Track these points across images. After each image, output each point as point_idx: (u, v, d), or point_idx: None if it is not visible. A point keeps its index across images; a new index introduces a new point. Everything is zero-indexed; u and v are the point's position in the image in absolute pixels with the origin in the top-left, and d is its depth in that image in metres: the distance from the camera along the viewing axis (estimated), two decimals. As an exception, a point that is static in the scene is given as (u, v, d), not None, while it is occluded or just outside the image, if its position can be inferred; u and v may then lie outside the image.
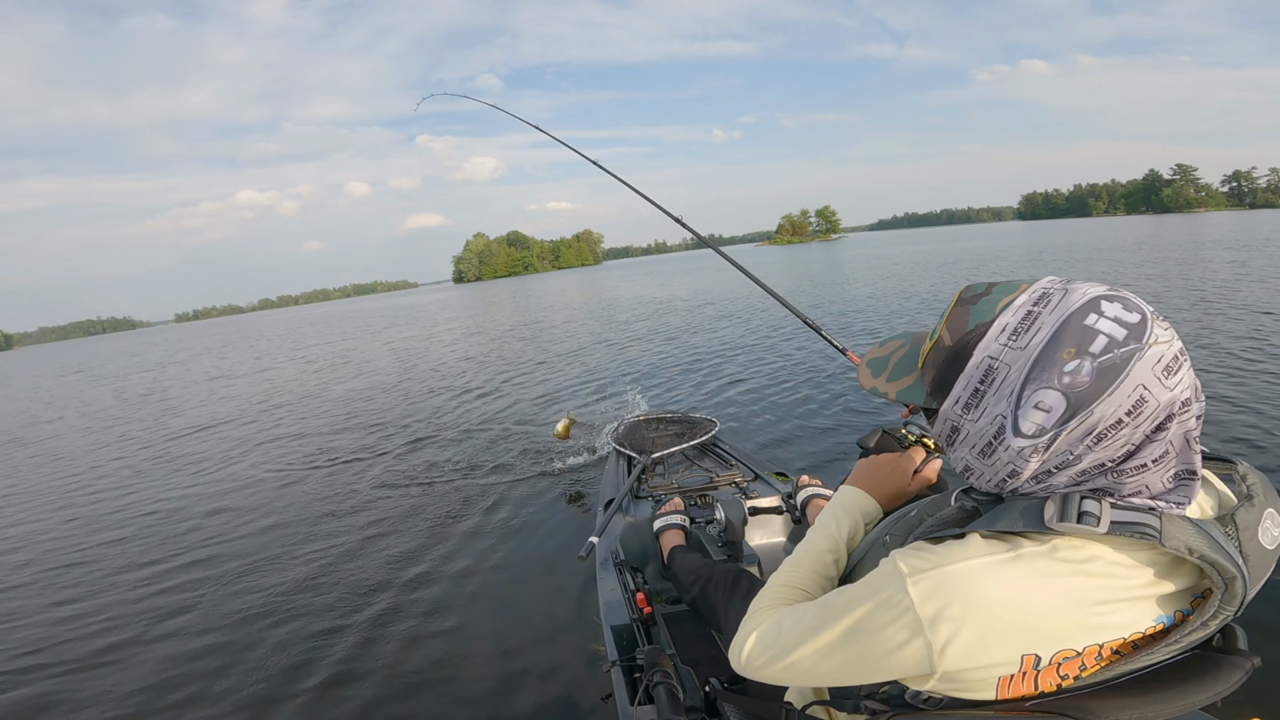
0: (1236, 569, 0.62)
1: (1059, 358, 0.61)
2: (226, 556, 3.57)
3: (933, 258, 25.15)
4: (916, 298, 12.55)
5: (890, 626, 0.67)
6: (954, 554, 0.67)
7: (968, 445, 0.70)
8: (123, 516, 4.64)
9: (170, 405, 10.46)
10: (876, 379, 0.81)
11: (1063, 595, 0.63)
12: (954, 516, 0.76)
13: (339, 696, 2.26)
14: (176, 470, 5.86)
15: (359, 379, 10.27)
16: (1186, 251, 17.26)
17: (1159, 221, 56.06)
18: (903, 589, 0.66)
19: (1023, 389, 0.63)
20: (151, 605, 3.10)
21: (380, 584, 3.04)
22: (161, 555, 3.72)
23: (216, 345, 27.83)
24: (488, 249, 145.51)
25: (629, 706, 1.27)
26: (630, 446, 2.95)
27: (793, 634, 0.77)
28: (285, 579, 3.22)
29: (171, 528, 4.21)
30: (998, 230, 69.46)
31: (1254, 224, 34.20)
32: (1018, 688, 0.67)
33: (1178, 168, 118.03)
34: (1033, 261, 19.09)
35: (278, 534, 3.84)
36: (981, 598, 0.63)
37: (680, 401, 6.10)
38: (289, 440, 6.43)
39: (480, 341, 13.94)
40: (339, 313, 52.14)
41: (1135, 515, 0.63)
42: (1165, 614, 0.66)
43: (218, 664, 2.54)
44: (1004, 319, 0.66)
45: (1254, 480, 0.70)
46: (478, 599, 2.80)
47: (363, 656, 2.46)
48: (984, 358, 0.66)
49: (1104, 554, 0.65)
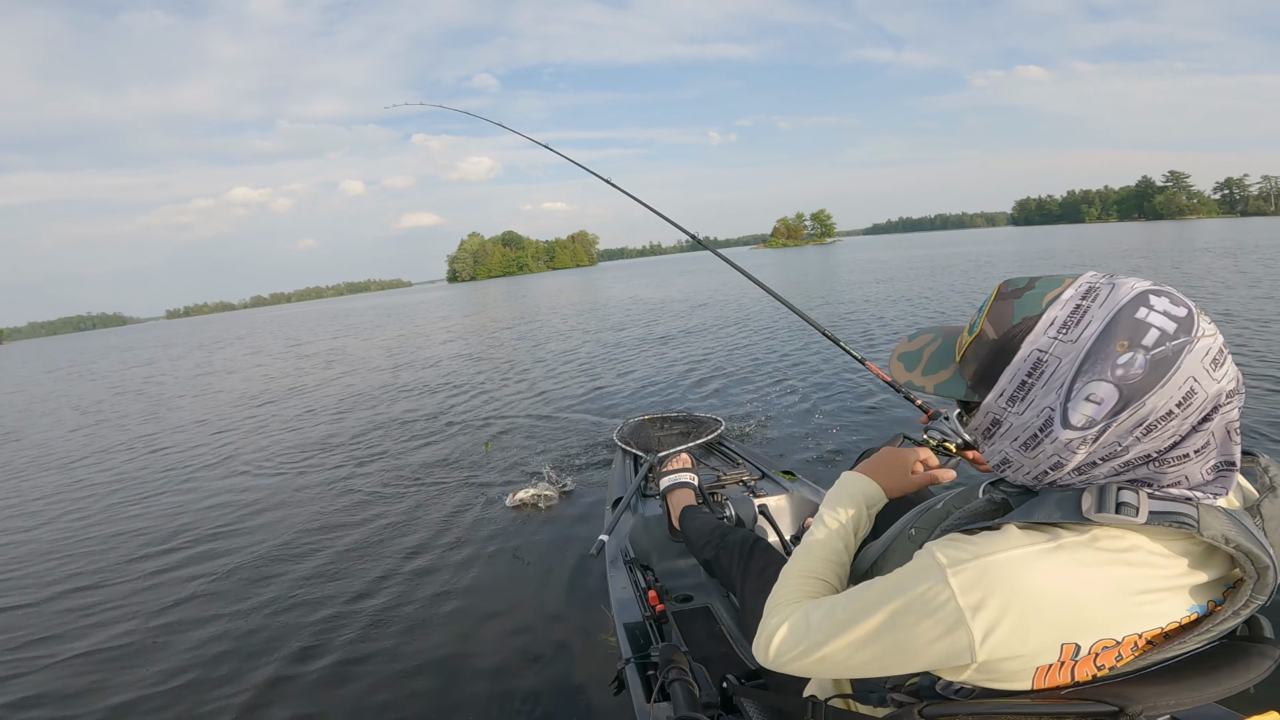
0: (1270, 558, 0.63)
1: (1111, 350, 0.62)
2: (225, 551, 3.56)
3: (924, 262, 25.30)
4: (909, 300, 12.59)
5: (930, 618, 0.67)
6: (994, 544, 0.67)
7: (1009, 438, 0.71)
8: (113, 513, 4.60)
9: (160, 400, 10.38)
10: (911, 373, 0.81)
11: (1105, 585, 0.64)
12: (984, 509, 0.76)
13: (343, 695, 2.24)
14: (167, 469, 5.81)
15: (359, 375, 10.22)
16: (1179, 258, 17.41)
17: (1151, 228, 56.45)
18: (943, 580, 0.67)
19: (1073, 381, 0.63)
20: (152, 596, 3.08)
21: (385, 580, 3.01)
22: (155, 549, 3.70)
23: (209, 341, 27.64)
24: (482, 249, 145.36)
25: (645, 704, 1.28)
26: (636, 445, 2.95)
27: (823, 628, 0.78)
28: (291, 572, 3.21)
29: (163, 524, 4.18)
30: (991, 236, 69.79)
31: (1244, 231, 34.50)
32: (1054, 678, 0.68)
33: (1170, 175, 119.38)
34: (1023, 267, 19.20)
35: (283, 527, 3.82)
36: (1025, 587, 0.64)
37: (678, 402, 6.10)
38: (292, 434, 6.40)
39: (477, 341, 13.91)
40: (332, 311, 51.84)
41: (1173, 505, 0.64)
42: (1199, 604, 0.67)
43: (219, 650, 2.55)
44: (1052, 313, 0.66)
45: (1276, 472, 0.71)
46: (487, 598, 2.80)
47: (371, 653, 2.45)
48: (1032, 350, 0.66)
49: (1143, 544, 0.65)
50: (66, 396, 13.15)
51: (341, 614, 2.76)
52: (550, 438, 5.20)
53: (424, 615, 2.70)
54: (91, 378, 17.16)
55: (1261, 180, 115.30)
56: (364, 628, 2.63)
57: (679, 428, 3.20)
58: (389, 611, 2.75)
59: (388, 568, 3.13)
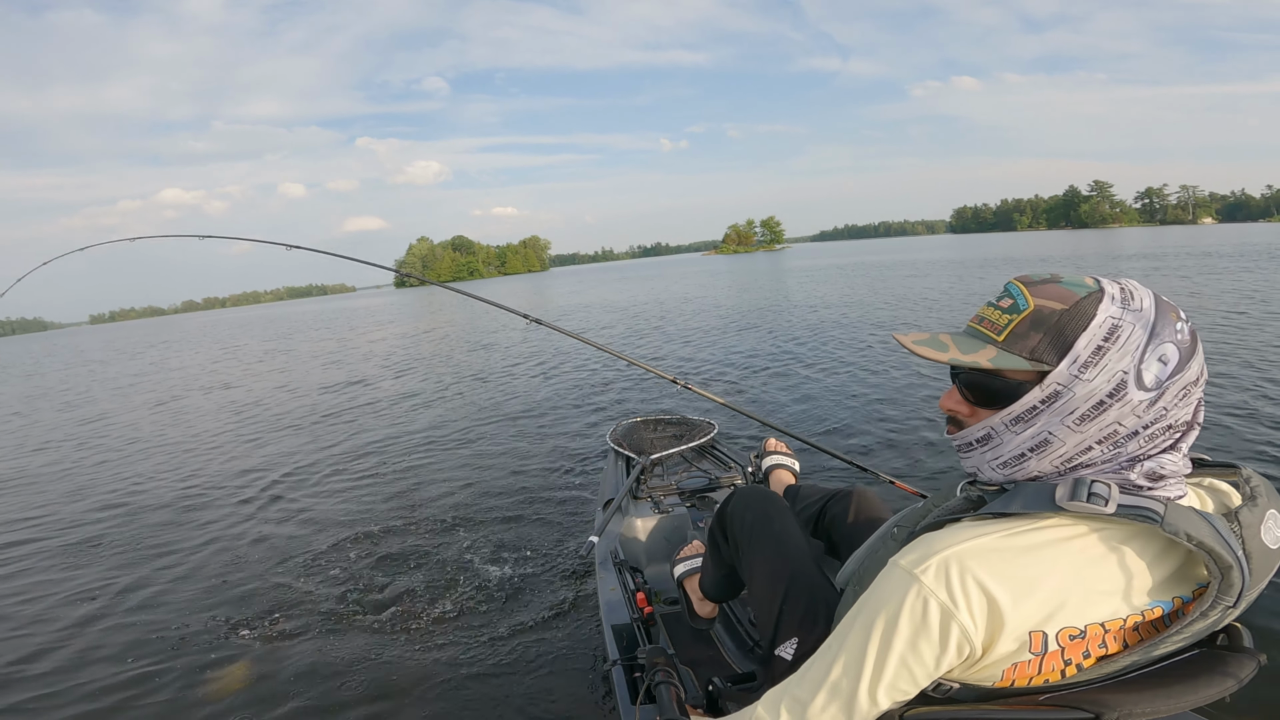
0: (1234, 559, 0.65)
1: (1170, 319, 0.69)
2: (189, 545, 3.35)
3: (860, 271, 26.05)
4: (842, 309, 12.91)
5: (921, 624, 0.69)
6: (955, 537, 0.71)
7: (1063, 413, 0.71)
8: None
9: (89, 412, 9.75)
10: (945, 354, 0.77)
11: (1066, 569, 0.68)
12: (959, 505, 0.79)
13: (317, 697, 2.21)
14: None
15: (328, 376, 9.84)
16: (1100, 265, 18.42)
17: (1077, 237, 59.39)
18: (914, 583, 0.69)
19: (1147, 344, 0.68)
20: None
21: (368, 581, 3.00)
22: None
23: (131, 349, 26.12)
24: (431, 253, 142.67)
25: (630, 705, 1.28)
26: (629, 447, 2.95)
27: (825, 695, 0.75)
28: (292, 571, 3.20)
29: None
30: (928, 244, 72.43)
31: (1161, 240, 36.56)
32: (1024, 672, 0.70)
33: (1095, 184, 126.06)
34: (948, 273, 19.93)
35: (281, 527, 3.61)
36: (984, 574, 0.67)
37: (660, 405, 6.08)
38: (270, 434, 6.09)
39: (441, 347, 13.62)
40: (273, 316, 49.94)
41: (1141, 499, 0.67)
42: (1164, 599, 0.71)
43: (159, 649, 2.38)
44: (1111, 288, 0.71)
45: (1257, 483, 0.75)
46: (474, 598, 2.78)
47: (343, 665, 2.38)
48: (1106, 317, 0.69)
49: (1107, 534, 0.69)
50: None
51: (337, 614, 2.75)
52: (542, 438, 5.25)
53: (406, 611, 2.69)
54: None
55: (1179, 190, 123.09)
56: (358, 626, 2.64)
57: (672, 430, 3.19)
58: (381, 607, 2.75)
59: (371, 575, 3.09)
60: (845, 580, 0.92)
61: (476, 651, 2.40)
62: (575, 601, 2.64)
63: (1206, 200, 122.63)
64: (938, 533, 0.73)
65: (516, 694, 2.15)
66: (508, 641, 2.44)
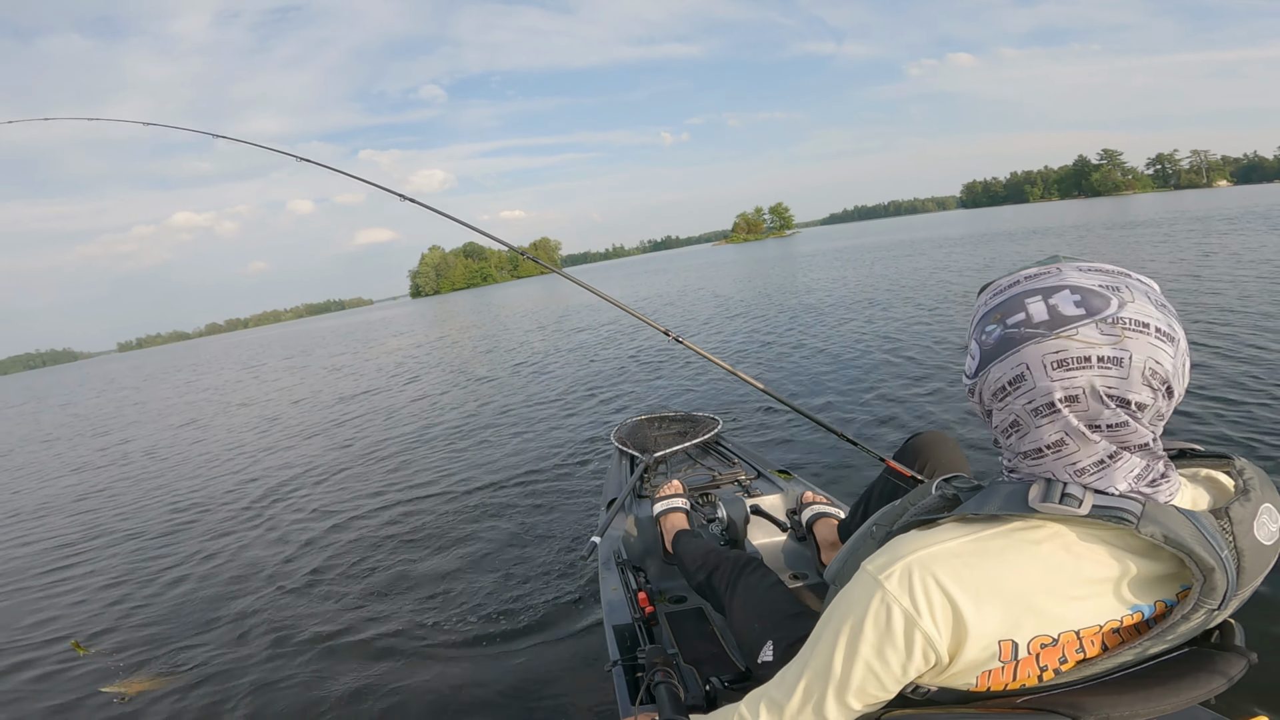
0: (1217, 561, 0.62)
1: (1021, 303, 0.70)
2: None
3: (865, 253, 25.80)
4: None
5: (886, 632, 0.68)
6: (921, 541, 0.70)
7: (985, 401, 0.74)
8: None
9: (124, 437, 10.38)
10: None
11: (1037, 575, 0.66)
12: (934, 504, 0.78)
13: (322, 697, 2.31)
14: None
15: (345, 387, 10.20)
16: (1114, 235, 18.11)
17: (1089, 205, 57.30)
18: (878, 588, 0.69)
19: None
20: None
21: (369, 581, 3.15)
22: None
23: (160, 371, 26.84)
24: (444, 261, 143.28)
25: (630, 706, 1.28)
26: (632, 446, 2.92)
27: (799, 698, 0.76)
28: (287, 572, 3.43)
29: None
30: (939, 220, 70.55)
31: (1175, 204, 35.44)
32: (998, 679, 0.70)
33: (1104, 153, 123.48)
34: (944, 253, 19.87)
35: (286, 526, 4.03)
36: (947, 580, 0.66)
37: (678, 400, 6.16)
38: (288, 450, 6.47)
39: (457, 353, 13.86)
40: (300, 333, 50.29)
41: (1116, 500, 0.65)
42: (1144, 603, 0.68)
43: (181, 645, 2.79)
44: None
45: (1251, 475, 0.70)
46: (477, 599, 2.82)
47: (350, 667, 2.47)
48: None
49: (1081, 537, 0.67)
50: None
51: (332, 612, 2.91)
52: (545, 436, 5.39)
53: (407, 611, 2.79)
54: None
55: (1191, 154, 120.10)
56: (358, 631, 2.70)
57: (676, 427, 3.14)
58: (386, 615, 2.81)
59: (377, 577, 3.20)
60: (831, 577, 0.91)
61: (478, 651, 2.44)
62: (578, 602, 2.64)
63: (1219, 164, 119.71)
64: (906, 536, 0.72)
65: (517, 694, 2.15)
66: (509, 642, 2.46)
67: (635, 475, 2.52)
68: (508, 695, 2.17)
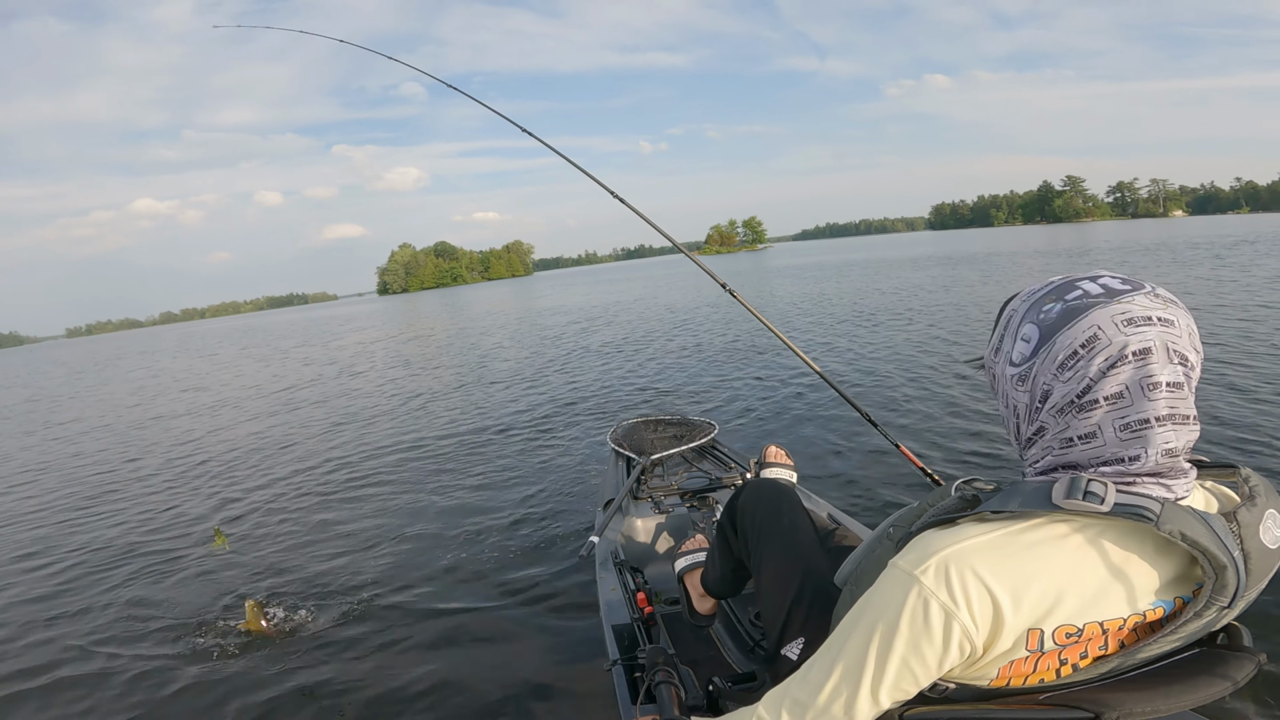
0: (1229, 559, 0.64)
1: (1046, 302, 0.76)
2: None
3: (836, 271, 26.36)
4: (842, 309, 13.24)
5: (923, 626, 0.69)
6: (953, 537, 0.71)
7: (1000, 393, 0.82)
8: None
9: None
10: None
11: (1063, 569, 0.67)
12: (953, 505, 0.78)
13: (316, 699, 2.28)
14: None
15: (349, 382, 10.01)
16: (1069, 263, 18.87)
17: (1053, 231, 59.56)
18: (914, 584, 0.69)
19: (1019, 325, 0.78)
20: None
21: (367, 580, 3.10)
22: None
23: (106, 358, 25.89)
24: (414, 260, 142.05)
25: (630, 706, 1.28)
26: (629, 447, 2.96)
27: (826, 696, 0.75)
28: (291, 573, 3.30)
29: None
30: (908, 240, 72.62)
31: (1134, 233, 36.74)
32: (1020, 670, 0.71)
33: (1068, 179, 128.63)
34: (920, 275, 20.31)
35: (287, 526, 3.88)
36: (984, 573, 0.67)
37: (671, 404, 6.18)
38: (273, 442, 6.30)
39: (444, 350, 13.71)
40: (259, 325, 49.16)
41: (1137, 499, 0.66)
42: (1165, 599, 0.70)
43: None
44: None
45: (1256, 483, 0.73)
46: (475, 600, 2.82)
47: (348, 664, 2.45)
48: (1009, 309, 0.82)
49: (1104, 533, 0.69)
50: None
51: (326, 611, 2.86)
52: (540, 437, 5.39)
53: (408, 613, 2.77)
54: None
55: (1150, 183, 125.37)
56: (357, 629, 2.69)
57: (673, 430, 3.19)
58: (379, 610, 2.80)
59: (372, 575, 3.17)
60: (843, 580, 0.91)
61: (477, 651, 2.44)
62: (576, 602, 2.65)
63: (1177, 193, 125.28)
64: (935, 532, 0.73)
65: (517, 694, 2.15)
66: (508, 642, 2.47)
67: (632, 477, 2.55)
68: (506, 695, 2.16)
